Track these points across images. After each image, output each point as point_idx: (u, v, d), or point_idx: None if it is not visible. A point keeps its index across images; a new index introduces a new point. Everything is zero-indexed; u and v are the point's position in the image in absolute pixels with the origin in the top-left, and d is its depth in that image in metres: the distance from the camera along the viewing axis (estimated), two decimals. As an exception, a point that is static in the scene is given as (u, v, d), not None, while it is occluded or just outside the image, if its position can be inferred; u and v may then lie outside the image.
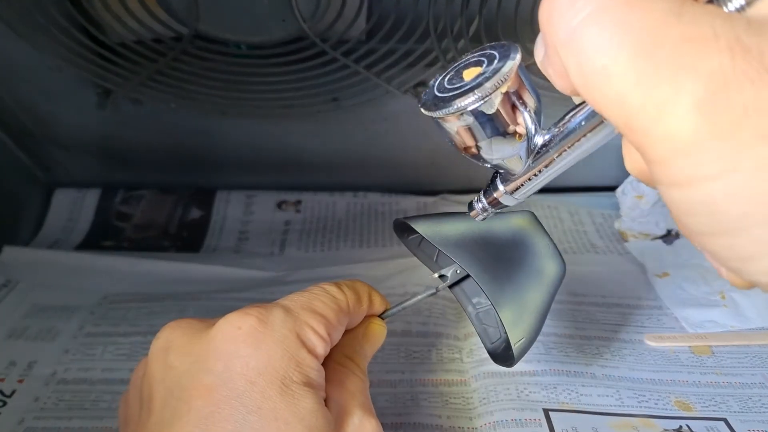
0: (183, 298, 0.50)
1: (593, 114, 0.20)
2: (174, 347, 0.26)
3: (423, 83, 0.52)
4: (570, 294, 0.51)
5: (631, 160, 0.19)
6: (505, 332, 0.30)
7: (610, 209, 0.62)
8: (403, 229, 0.33)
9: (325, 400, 0.26)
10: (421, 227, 0.31)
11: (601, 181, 0.63)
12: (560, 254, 0.31)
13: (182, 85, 0.49)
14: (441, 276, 0.32)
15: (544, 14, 0.16)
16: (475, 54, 0.22)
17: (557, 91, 0.19)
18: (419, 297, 0.32)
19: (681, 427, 0.38)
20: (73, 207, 0.63)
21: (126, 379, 0.42)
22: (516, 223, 0.31)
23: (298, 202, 0.65)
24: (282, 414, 0.24)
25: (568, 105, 0.22)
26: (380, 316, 0.33)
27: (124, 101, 0.54)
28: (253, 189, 0.66)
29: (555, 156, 0.22)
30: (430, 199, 0.64)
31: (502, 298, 0.29)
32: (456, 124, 0.21)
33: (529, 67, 0.23)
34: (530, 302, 0.29)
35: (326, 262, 0.57)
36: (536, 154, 0.23)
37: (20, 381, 0.43)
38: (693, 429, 0.38)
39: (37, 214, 0.62)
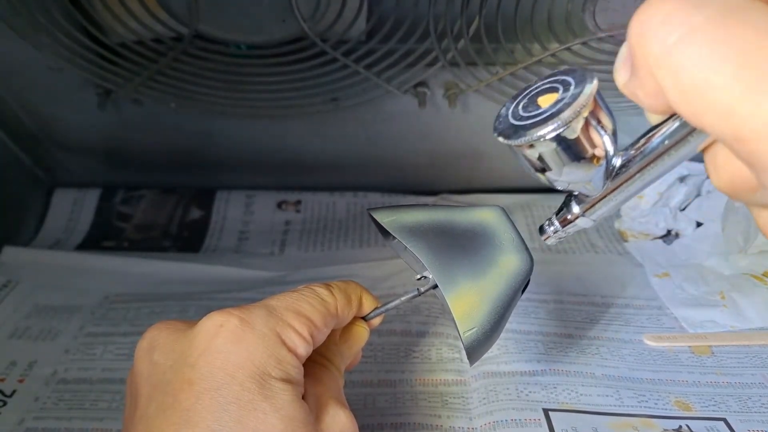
0: (183, 298, 0.50)
1: (676, 132, 0.20)
2: (158, 346, 0.27)
3: (423, 83, 0.52)
4: (569, 294, 0.51)
5: (721, 175, 0.19)
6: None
7: (610, 209, 0.62)
8: (385, 229, 0.33)
9: (303, 395, 0.27)
10: (380, 216, 0.30)
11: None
12: (527, 250, 0.30)
13: (182, 85, 0.49)
14: (425, 277, 0.32)
15: (634, 33, 0.16)
16: (546, 81, 0.22)
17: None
18: (402, 299, 0.32)
19: (681, 427, 0.38)
20: (74, 207, 0.63)
21: (126, 380, 0.42)
22: (481, 216, 0.31)
23: (298, 202, 0.65)
24: (260, 405, 0.24)
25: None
26: (364, 317, 0.33)
27: (125, 102, 0.54)
28: (253, 189, 0.66)
29: (635, 175, 0.23)
30: (430, 199, 0.64)
31: (453, 287, 0.28)
32: (536, 151, 0.22)
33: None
34: (484, 293, 0.28)
35: (326, 262, 0.57)
36: (615, 175, 0.23)
37: (20, 381, 0.43)
38: (693, 429, 0.38)
39: (38, 214, 0.63)
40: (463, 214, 0.31)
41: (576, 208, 0.26)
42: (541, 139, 0.21)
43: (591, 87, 0.21)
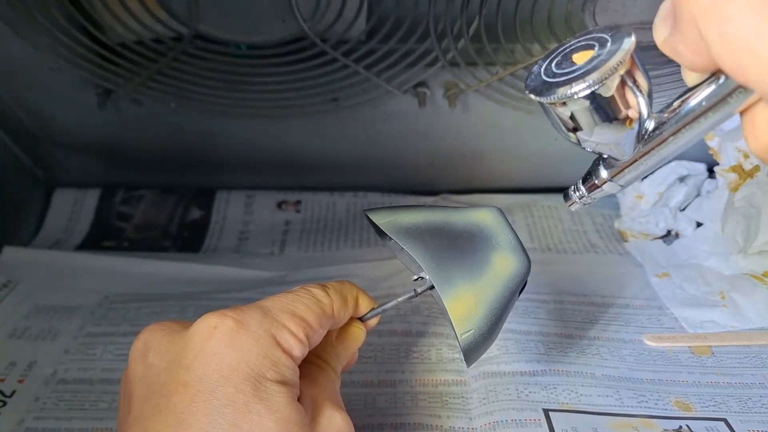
0: (183, 298, 0.50)
1: (714, 93, 0.20)
2: (153, 347, 0.27)
3: (423, 83, 0.52)
4: (569, 294, 0.51)
5: (760, 137, 0.18)
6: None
7: (610, 209, 0.62)
8: (381, 230, 0.33)
9: (298, 397, 0.26)
10: (377, 217, 0.30)
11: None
12: (524, 251, 0.30)
13: (182, 85, 0.49)
14: (421, 278, 0.32)
15: None
16: (581, 39, 0.22)
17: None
18: (399, 300, 0.32)
19: (681, 427, 0.38)
20: (74, 207, 0.63)
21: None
22: (477, 217, 0.30)
23: (298, 202, 0.65)
24: (255, 407, 0.24)
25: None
26: (360, 317, 0.32)
27: (125, 101, 0.54)
28: (253, 189, 0.66)
29: (669, 138, 0.22)
30: (430, 199, 0.64)
31: (450, 289, 0.28)
32: (569, 109, 0.21)
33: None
34: (481, 295, 0.28)
35: (326, 262, 0.57)
36: (647, 138, 0.22)
37: (20, 381, 0.43)
38: (693, 429, 0.38)
39: (38, 214, 0.62)
40: (460, 215, 0.30)
41: (604, 173, 0.25)
42: (575, 96, 0.20)
43: (629, 44, 0.20)
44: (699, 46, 0.16)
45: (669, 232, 0.58)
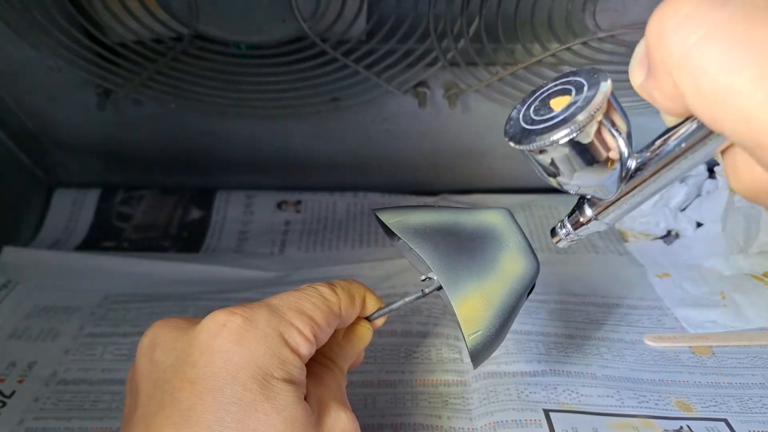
0: (183, 299, 0.50)
1: (693, 134, 0.20)
2: (160, 344, 0.27)
3: (423, 83, 0.52)
4: (570, 294, 0.51)
5: (741, 178, 0.18)
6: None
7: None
8: (391, 230, 0.33)
9: (305, 396, 0.26)
10: (386, 216, 0.30)
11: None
12: (533, 253, 0.30)
13: (182, 85, 0.49)
14: (429, 278, 0.32)
15: (653, 34, 0.16)
16: (558, 82, 0.22)
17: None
18: (406, 300, 0.32)
19: (681, 427, 0.38)
20: (73, 207, 0.63)
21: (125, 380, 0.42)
22: (487, 218, 0.30)
23: (298, 202, 0.65)
24: (262, 406, 0.24)
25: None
26: (367, 317, 0.32)
27: (125, 102, 0.54)
28: (253, 189, 0.66)
29: (649, 178, 0.22)
30: (430, 199, 0.64)
31: (458, 290, 0.28)
32: (549, 156, 0.21)
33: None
34: (489, 296, 0.28)
35: (326, 262, 0.57)
36: (629, 178, 0.22)
37: (20, 381, 0.43)
38: (693, 429, 0.38)
39: (38, 214, 0.62)
40: (469, 215, 0.30)
41: (589, 211, 0.25)
42: (554, 145, 0.20)
43: (605, 89, 0.20)
44: (674, 94, 0.16)
45: (669, 232, 0.58)
